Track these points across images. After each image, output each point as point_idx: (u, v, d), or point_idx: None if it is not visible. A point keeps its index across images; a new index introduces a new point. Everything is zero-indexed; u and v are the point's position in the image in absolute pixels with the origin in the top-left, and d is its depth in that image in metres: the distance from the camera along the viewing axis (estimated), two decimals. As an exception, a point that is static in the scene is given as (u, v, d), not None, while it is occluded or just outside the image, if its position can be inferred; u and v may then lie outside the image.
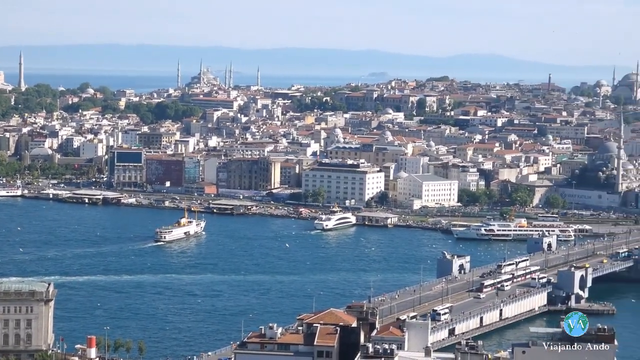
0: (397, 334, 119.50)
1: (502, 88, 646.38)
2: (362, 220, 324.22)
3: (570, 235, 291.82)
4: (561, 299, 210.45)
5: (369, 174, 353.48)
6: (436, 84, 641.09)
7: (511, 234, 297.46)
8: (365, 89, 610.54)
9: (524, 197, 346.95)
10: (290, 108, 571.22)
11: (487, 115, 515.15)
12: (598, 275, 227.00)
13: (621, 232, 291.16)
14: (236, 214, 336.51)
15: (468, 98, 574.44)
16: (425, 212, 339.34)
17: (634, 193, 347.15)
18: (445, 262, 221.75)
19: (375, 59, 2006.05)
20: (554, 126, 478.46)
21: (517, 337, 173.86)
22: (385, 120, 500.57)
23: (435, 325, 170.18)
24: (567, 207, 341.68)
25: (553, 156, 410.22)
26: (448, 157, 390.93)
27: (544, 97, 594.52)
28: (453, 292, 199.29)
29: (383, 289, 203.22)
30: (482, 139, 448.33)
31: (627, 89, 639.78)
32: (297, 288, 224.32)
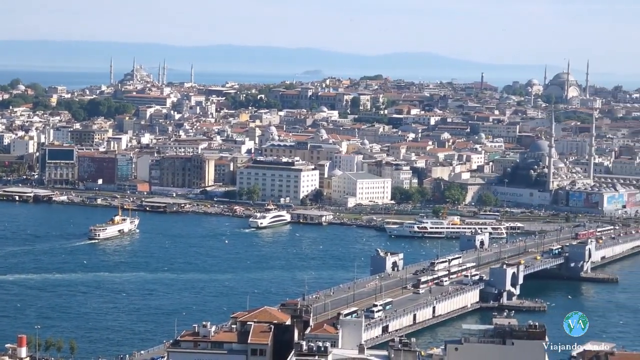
0: (331, 332, 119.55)
1: (436, 87, 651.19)
2: (296, 218, 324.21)
3: (502, 233, 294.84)
4: (493, 296, 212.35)
5: (303, 171, 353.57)
6: (370, 82, 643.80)
7: (444, 231, 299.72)
8: (300, 87, 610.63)
9: (456, 195, 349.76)
10: (224, 105, 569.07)
11: (420, 114, 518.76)
12: (529, 272, 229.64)
13: (552, 229, 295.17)
14: (169, 212, 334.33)
15: (401, 97, 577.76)
16: (360, 209, 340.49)
17: (565, 191, 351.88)
18: (379, 260, 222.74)
19: (309, 57, 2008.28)
20: (487, 125, 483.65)
21: (449, 334, 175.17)
22: (319, 119, 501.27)
23: (369, 322, 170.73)
24: (499, 204, 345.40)
25: (485, 154, 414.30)
26: (382, 155, 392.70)
27: (477, 96, 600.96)
28: (387, 289, 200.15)
29: (317, 286, 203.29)
30: (415, 137, 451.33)
31: (558, 88, 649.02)
32: (231, 286, 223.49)
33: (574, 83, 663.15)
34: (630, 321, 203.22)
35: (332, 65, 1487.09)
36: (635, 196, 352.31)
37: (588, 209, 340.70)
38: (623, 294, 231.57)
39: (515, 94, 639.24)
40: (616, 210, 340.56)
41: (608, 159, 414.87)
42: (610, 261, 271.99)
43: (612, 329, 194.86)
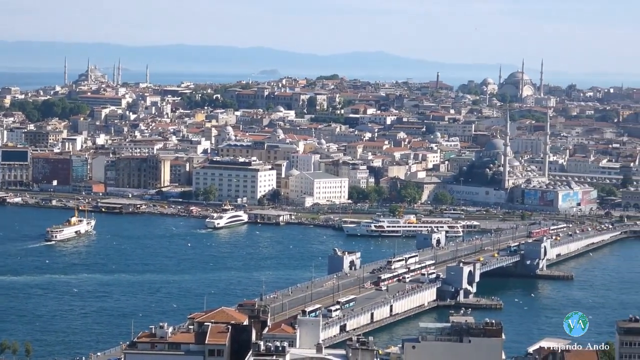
0: (289, 332, 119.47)
1: (391, 86, 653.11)
2: (254, 218, 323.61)
3: (458, 231, 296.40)
4: (450, 294, 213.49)
5: (260, 171, 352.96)
6: (326, 82, 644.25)
7: (401, 230, 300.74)
8: (256, 86, 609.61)
9: (412, 193, 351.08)
10: (180, 105, 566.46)
11: (376, 114, 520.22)
12: (486, 270, 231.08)
13: (508, 227, 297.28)
14: (125, 212, 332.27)
15: (358, 96, 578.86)
16: (317, 209, 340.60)
17: (520, 189, 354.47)
18: (336, 259, 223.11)
19: (266, 56, 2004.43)
20: (442, 124, 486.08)
21: (407, 332, 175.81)
22: (276, 118, 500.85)
23: (327, 322, 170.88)
24: (455, 203, 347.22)
25: (441, 153, 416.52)
26: (339, 155, 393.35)
27: (432, 95, 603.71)
28: (344, 288, 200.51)
29: (275, 286, 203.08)
30: (371, 136, 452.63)
31: (512, 87, 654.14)
32: (188, 287, 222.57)
33: (528, 82, 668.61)
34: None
35: (289, 65, 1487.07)
36: (589, 194, 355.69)
37: (543, 207, 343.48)
38: (578, 291, 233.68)
39: (470, 93, 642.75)
40: (571, 208, 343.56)
41: (563, 157, 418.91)
42: (565, 258, 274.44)
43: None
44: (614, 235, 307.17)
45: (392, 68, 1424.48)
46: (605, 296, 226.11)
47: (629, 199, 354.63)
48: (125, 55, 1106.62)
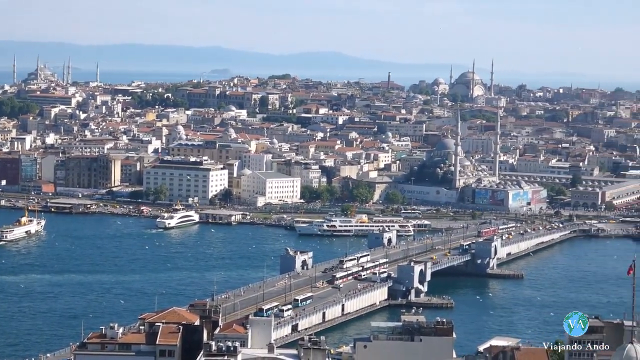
0: (240, 332, 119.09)
1: (343, 86, 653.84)
2: (205, 218, 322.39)
3: (409, 231, 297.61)
4: (401, 293, 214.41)
5: (212, 171, 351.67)
6: (278, 81, 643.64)
7: (352, 229, 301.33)
8: (208, 85, 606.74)
9: (364, 193, 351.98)
10: (130, 104, 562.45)
11: (328, 113, 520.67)
12: (437, 269, 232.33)
13: (459, 226, 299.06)
14: (75, 212, 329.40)
15: (310, 96, 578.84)
16: (269, 209, 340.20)
17: (471, 188, 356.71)
18: (289, 259, 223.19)
19: (217, 55, 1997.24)
20: (393, 124, 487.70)
21: (358, 331, 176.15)
22: (228, 118, 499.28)
23: (278, 321, 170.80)
24: (406, 203, 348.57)
25: (392, 153, 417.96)
26: (291, 155, 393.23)
27: (384, 95, 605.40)
28: (296, 287, 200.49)
29: (227, 286, 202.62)
30: (323, 136, 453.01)
31: (463, 87, 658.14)
32: (138, 287, 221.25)
33: (479, 82, 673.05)
34: (535, 316, 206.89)
35: (240, 64, 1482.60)
36: (539, 193, 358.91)
37: (493, 207, 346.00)
38: (528, 289, 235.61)
39: (421, 93, 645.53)
40: (521, 207, 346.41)
41: (513, 156, 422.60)
42: (515, 257, 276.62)
43: (518, 324, 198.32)
44: (564, 234, 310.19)
45: (344, 68, 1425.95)
46: (555, 295, 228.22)
47: (578, 199, 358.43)
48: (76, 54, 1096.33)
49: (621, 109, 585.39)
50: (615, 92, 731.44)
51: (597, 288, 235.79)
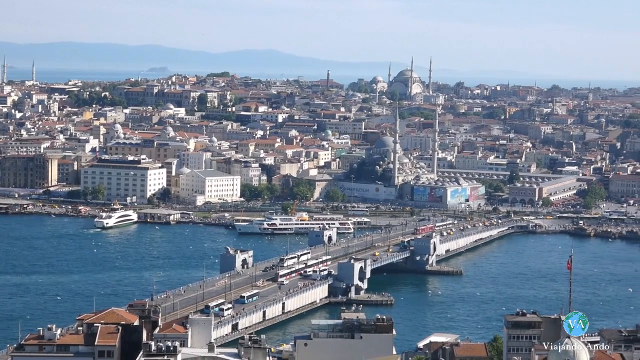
0: (180, 331, 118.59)
1: (282, 84, 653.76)
2: (143, 218, 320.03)
3: (349, 228, 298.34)
4: (342, 291, 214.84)
5: (150, 170, 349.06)
6: (217, 79, 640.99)
7: (293, 227, 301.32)
8: (146, 84, 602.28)
9: (305, 191, 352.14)
10: (67, 103, 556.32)
11: (268, 111, 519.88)
12: (376, 266, 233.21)
13: (398, 224, 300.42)
14: (11, 213, 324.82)
15: (249, 94, 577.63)
16: (209, 207, 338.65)
17: (410, 186, 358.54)
18: (229, 258, 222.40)
19: (155, 54, 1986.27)
20: (333, 122, 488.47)
21: (299, 329, 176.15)
22: (166, 116, 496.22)
23: (218, 321, 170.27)
24: (346, 200, 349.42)
25: (332, 151, 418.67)
26: (230, 153, 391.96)
27: (323, 93, 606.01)
28: (236, 286, 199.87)
29: (166, 286, 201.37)
30: (263, 134, 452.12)
31: (402, 85, 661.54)
32: (76, 288, 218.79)
33: (417, 80, 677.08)
34: (474, 312, 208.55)
35: (178, 63, 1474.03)
36: (477, 190, 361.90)
37: (432, 203, 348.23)
38: (467, 286, 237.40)
39: (360, 91, 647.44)
40: (459, 204, 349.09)
41: (451, 153, 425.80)
42: (454, 254, 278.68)
43: (457, 321, 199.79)
44: (502, 230, 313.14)
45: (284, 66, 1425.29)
46: (493, 291, 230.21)
47: (516, 195, 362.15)
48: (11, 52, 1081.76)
49: (557, 106, 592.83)
50: (551, 89, 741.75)
51: (535, 283, 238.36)
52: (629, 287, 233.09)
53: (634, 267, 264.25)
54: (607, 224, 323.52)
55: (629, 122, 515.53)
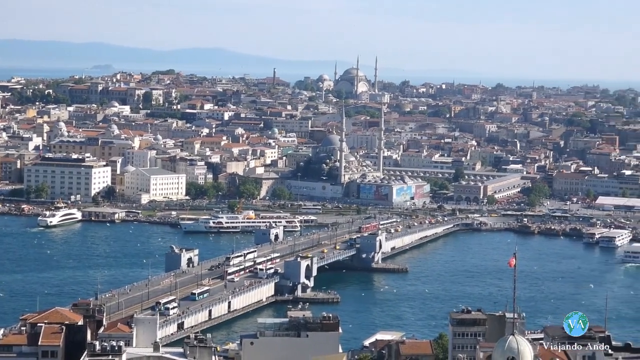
0: (125, 330, 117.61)
1: (228, 82, 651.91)
2: (88, 216, 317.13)
3: (296, 226, 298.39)
4: (288, 289, 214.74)
5: (94, 168, 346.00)
6: (162, 77, 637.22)
7: (239, 226, 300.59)
8: (90, 81, 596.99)
9: (251, 189, 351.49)
10: (10, 101, 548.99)
11: (213, 109, 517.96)
12: (323, 264, 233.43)
13: (345, 221, 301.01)
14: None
15: (194, 92, 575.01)
16: (154, 206, 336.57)
17: (356, 184, 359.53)
18: (174, 256, 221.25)
19: (99, 51, 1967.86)
20: (279, 120, 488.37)
21: (245, 328, 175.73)
22: (110, 114, 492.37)
23: (164, 320, 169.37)
24: (293, 198, 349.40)
25: (279, 149, 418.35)
26: (175, 151, 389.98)
27: (269, 91, 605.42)
28: (182, 285, 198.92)
29: (111, 285, 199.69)
30: (209, 132, 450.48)
31: (348, 84, 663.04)
32: (19, 287, 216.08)
33: (363, 78, 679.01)
34: (419, 310, 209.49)
35: (123, 60, 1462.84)
36: (422, 188, 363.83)
37: (378, 201, 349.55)
38: (413, 283, 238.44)
39: (306, 89, 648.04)
40: (405, 202, 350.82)
41: (397, 152, 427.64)
42: (400, 251, 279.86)
43: (403, 318, 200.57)
44: (447, 228, 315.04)
45: (229, 64, 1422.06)
46: (438, 288, 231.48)
47: (461, 193, 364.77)
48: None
49: (502, 104, 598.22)
50: (496, 88, 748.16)
51: (480, 281, 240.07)
52: (590, 284, 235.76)
53: (577, 264, 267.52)
54: (550, 221, 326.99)
55: (572, 120, 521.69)
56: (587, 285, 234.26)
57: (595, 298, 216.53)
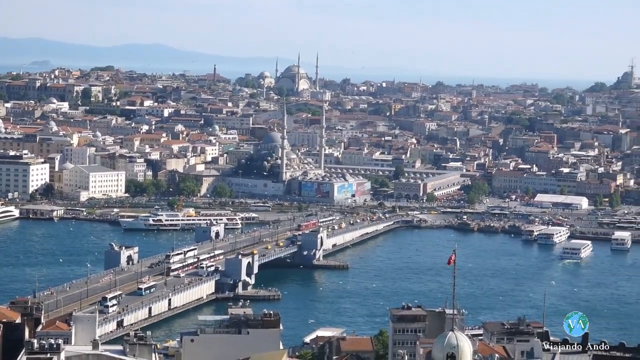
0: (64, 328, 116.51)
1: (168, 78, 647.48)
2: (25, 214, 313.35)
3: (237, 224, 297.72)
4: (229, 287, 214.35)
5: (32, 165, 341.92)
6: (101, 73, 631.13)
7: (179, 223, 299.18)
8: (28, 77, 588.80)
9: (191, 187, 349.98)
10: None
11: (153, 106, 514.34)
12: (264, 261, 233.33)
13: (286, 219, 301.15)
14: None
15: (134, 88, 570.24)
16: (93, 203, 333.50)
17: (297, 181, 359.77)
18: (114, 254, 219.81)
19: (37, 47, 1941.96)
20: (220, 117, 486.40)
21: (185, 326, 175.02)
22: (49, 110, 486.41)
23: (104, 317, 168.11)
24: (234, 196, 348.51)
25: (220, 146, 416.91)
26: (115, 148, 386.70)
27: (210, 88, 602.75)
28: (121, 283, 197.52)
29: (50, 283, 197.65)
30: (149, 129, 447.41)
31: (289, 81, 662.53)
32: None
33: (304, 76, 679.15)
34: (360, 306, 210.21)
35: (61, 56, 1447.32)
36: (363, 185, 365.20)
37: (319, 199, 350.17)
38: (353, 280, 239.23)
39: (247, 86, 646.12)
40: (346, 199, 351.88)
41: (338, 149, 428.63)
42: (341, 248, 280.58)
43: (344, 315, 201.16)
44: (387, 225, 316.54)
45: (169, 60, 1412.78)
46: (379, 284, 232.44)
47: (401, 190, 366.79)
48: None
49: (442, 102, 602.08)
50: (436, 86, 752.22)
51: (420, 277, 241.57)
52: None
53: (516, 261, 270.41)
54: (489, 218, 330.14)
55: (511, 118, 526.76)
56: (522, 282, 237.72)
57: (533, 294, 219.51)
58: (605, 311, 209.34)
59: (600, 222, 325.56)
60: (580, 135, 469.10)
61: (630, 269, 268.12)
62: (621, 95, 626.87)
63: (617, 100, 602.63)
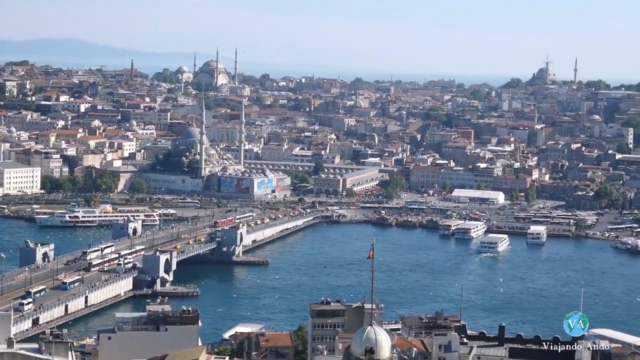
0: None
1: (85, 73, 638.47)
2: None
3: (155, 220, 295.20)
4: (147, 283, 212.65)
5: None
6: (16, 68, 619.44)
7: (96, 220, 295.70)
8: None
9: (108, 183, 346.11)
10: None
11: (69, 101, 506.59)
12: (183, 258, 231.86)
13: (205, 215, 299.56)
14: None
15: (50, 83, 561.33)
16: (8, 200, 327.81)
17: (217, 177, 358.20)
18: (29, 251, 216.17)
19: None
20: (138, 112, 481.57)
21: (103, 323, 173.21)
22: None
23: (19, 315, 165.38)
24: (151, 192, 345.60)
25: (137, 142, 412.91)
26: (30, 144, 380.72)
27: (127, 83, 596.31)
28: (37, 280, 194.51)
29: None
30: (65, 124, 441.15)
31: (208, 76, 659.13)
32: None
33: (223, 71, 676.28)
34: (279, 302, 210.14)
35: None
36: (283, 181, 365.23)
37: (239, 195, 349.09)
38: (273, 275, 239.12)
39: (165, 81, 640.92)
40: (266, 195, 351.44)
41: (257, 145, 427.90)
42: (261, 244, 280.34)
43: (263, 311, 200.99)
44: (307, 220, 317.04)
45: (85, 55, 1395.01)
46: (299, 280, 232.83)
47: (321, 186, 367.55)
48: None
49: (360, 98, 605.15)
50: (354, 82, 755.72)
51: (339, 272, 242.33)
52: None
53: (434, 256, 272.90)
54: (407, 213, 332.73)
55: (428, 114, 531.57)
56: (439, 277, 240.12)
57: (451, 288, 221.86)
58: (522, 304, 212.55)
59: (516, 217, 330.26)
60: (496, 130, 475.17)
61: (545, 262, 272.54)
62: (536, 91, 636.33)
63: (532, 96, 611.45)
